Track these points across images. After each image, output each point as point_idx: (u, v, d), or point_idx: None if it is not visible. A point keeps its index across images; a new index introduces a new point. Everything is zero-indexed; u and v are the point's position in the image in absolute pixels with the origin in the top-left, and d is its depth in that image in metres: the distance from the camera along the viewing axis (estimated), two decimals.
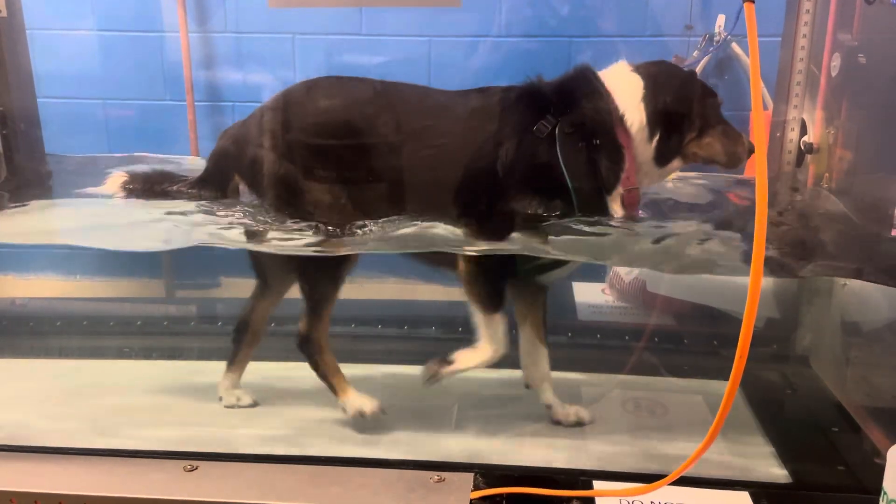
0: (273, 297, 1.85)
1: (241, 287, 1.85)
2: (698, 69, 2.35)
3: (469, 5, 2.44)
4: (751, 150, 1.71)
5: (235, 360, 1.86)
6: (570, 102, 1.56)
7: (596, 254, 1.63)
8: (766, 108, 2.10)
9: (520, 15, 2.51)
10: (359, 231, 1.59)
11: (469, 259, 1.60)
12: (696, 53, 2.36)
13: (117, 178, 1.78)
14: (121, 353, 2.19)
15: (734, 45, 2.30)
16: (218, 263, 2.52)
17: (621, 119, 1.55)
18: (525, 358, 1.77)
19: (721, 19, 2.34)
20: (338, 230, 1.59)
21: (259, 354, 1.90)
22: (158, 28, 2.60)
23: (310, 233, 1.59)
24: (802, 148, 1.99)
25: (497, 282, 1.63)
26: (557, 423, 1.75)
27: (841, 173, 1.86)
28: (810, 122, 1.99)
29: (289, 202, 1.63)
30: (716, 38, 2.33)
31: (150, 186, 1.78)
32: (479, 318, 1.60)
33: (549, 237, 1.54)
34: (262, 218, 1.64)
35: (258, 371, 1.96)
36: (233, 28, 2.57)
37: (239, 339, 1.85)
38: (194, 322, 2.43)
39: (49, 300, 2.53)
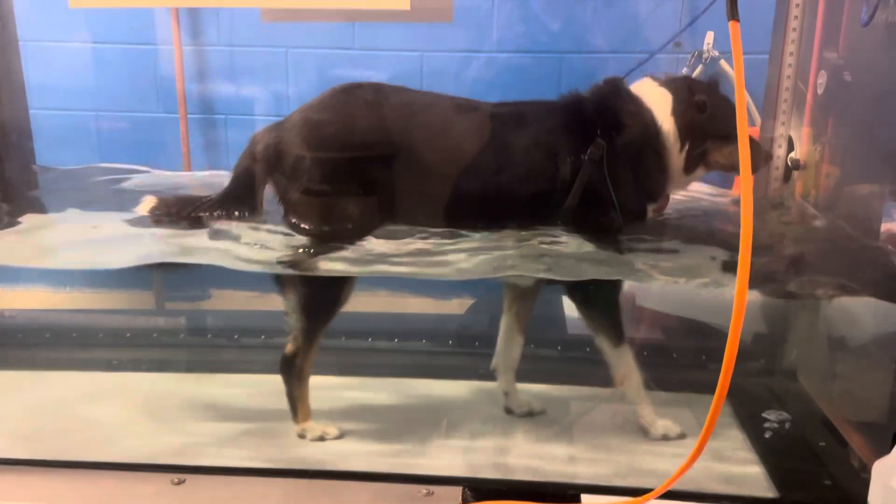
0: None
1: (232, 299, 1.84)
2: None
3: (461, 20, 2.46)
4: (767, 158, 1.83)
5: None
6: (617, 122, 1.63)
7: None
8: (753, 124, 2.12)
9: (512, 30, 2.53)
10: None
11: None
12: (684, 70, 2.38)
13: (147, 202, 1.72)
14: (110, 365, 2.18)
15: (723, 63, 2.32)
16: (208, 275, 2.51)
17: (658, 132, 1.64)
18: (501, 343, 1.83)
19: (710, 36, 2.36)
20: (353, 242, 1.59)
21: (247, 368, 1.88)
22: (152, 41, 2.61)
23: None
24: (789, 164, 2.02)
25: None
26: (510, 411, 1.82)
27: (827, 189, 1.88)
28: (797, 139, 2.01)
29: (329, 209, 1.62)
30: (704, 56, 2.35)
31: (174, 212, 1.71)
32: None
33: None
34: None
35: (248, 384, 1.97)
36: (226, 41, 2.58)
37: None
38: (184, 334, 2.42)
39: (38, 312, 2.51)
